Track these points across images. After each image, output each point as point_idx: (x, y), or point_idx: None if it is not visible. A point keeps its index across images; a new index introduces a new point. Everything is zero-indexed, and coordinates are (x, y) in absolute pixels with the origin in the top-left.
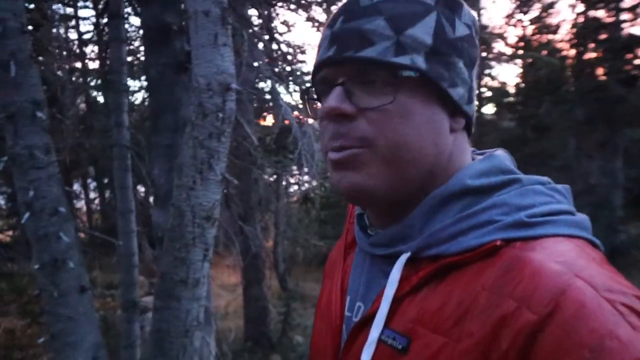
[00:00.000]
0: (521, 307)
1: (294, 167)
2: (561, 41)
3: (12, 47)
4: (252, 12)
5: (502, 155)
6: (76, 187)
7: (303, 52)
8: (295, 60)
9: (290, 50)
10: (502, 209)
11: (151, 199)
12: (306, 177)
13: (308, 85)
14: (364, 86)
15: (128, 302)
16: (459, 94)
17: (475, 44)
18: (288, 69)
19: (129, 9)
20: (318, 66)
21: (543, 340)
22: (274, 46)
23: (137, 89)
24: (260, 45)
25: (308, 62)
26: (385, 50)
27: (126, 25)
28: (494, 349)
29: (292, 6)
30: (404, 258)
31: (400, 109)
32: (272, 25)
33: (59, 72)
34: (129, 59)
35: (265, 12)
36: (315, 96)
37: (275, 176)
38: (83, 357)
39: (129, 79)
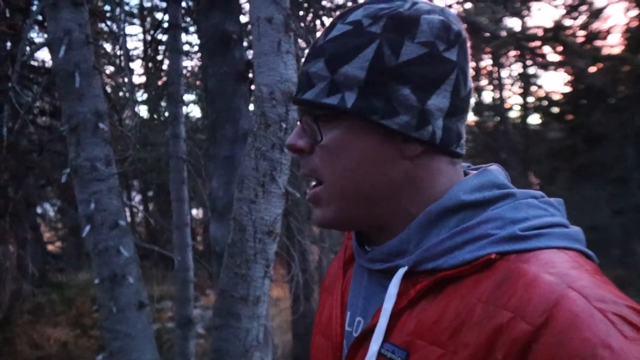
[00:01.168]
0: (516, 317)
1: None
2: (612, 46)
3: (77, 58)
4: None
5: (496, 170)
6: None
7: None
8: None
9: None
10: (496, 222)
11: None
12: None
13: None
14: (313, 124)
15: (183, 318)
16: (399, 122)
17: (438, 59)
18: None
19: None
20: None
21: (537, 350)
22: None
23: (191, 101)
24: None
25: None
26: (321, 91)
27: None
28: (490, 359)
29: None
30: (401, 272)
31: (338, 145)
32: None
33: (111, 86)
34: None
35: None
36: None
37: None
38: None
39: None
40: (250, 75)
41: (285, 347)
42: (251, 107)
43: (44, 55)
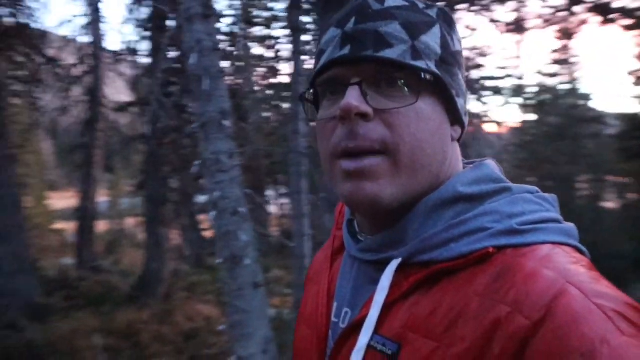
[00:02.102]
0: (514, 312)
1: None
2: None
3: (205, 63)
4: None
5: (492, 165)
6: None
7: (483, 55)
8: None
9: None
10: (493, 216)
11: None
12: None
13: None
14: (379, 88)
15: (298, 302)
16: (460, 103)
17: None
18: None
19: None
20: (326, 65)
21: (535, 345)
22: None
23: None
24: None
25: (487, 66)
26: (403, 53)
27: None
28: (487, 353)
29: (474, 8)
30: (395, 264)
31: (418, 114)
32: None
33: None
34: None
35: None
36: (312, 98)
37: None
38: (255, 348)
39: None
40: None
41: None
42: None
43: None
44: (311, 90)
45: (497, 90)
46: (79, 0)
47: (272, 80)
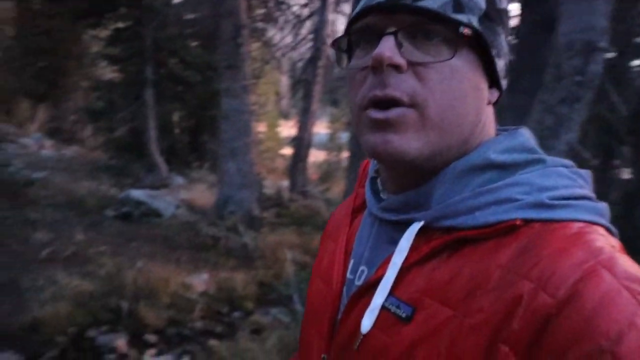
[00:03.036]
0: (537, 289)
1: None
2: None
3: None
4: None
5: (526, 134)
6: None
7: None
8: None
9: None
10: (524, 187)
11: None
12: None
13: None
14: (415, 40)
15: None
16: (500, 65)
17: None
18: None
19: None
20: (362, 13)
21: (558, 324)
22: None
23: None
24: None
25: None
26: (444, 4)
27: None
28: (504, 327)
29: None
30: (416, 226)
31: (453, 71)
32: None
33: None
34: None
35: None
36: (346, 46)
37: None
38: None
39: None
40: None
41: None
42: None
43: None
44: (345, 38)
45: None
46: None
47: None
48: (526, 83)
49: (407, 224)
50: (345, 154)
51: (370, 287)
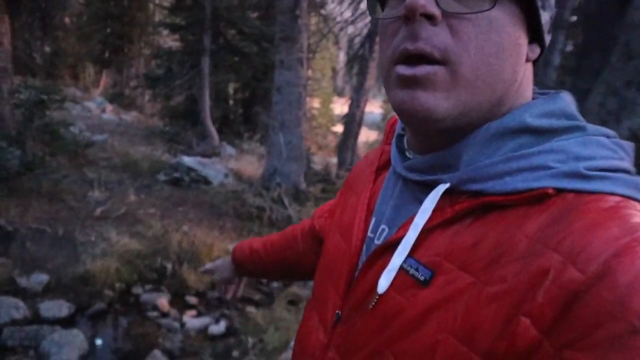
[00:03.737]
0: (566, 262)
1: None
2: None
3: None
4: None
5: (567, 98)
6: None
7: None
8: None
9: None
10: (559, 155)
11: None
12: None
13: None
14: None
15: None
16: (545, 18)
17: None
18: None
19: None
20: None
21: (587, 300)
22: None
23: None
24: None
25: None
26: None
27: None
28: (527, 300)
29: None
30: (442, 188)
31: (491, 23)
32: None
33: None
34: None
35: None
36: None
37: None
38: None
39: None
40: None
41: None
42: None
43: None
44: None
45: None
46: None
47: None
48: (594, 64)
49: (433, 185)
50: None
51: (390, 247)
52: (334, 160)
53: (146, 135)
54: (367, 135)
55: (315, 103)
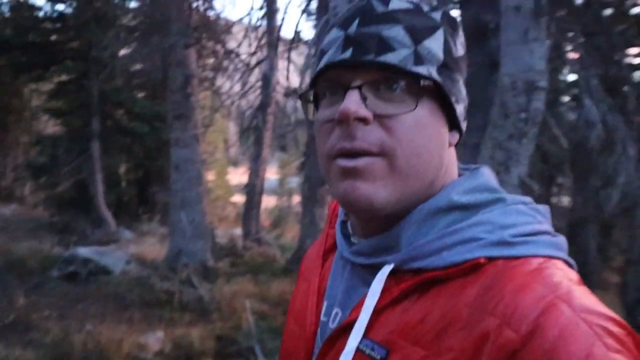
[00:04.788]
0: (502, 325)
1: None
2: None
3: None
4: None
5: (487, 173)
6: None
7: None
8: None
9: None
10: (486, 226)
11: None
12: None
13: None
14: (379, 92)
15: None
16: (459, 110)
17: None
18: None
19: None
20: (327, 67)
21: (522, 357)
22: None
23: None
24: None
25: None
26: (405, 58)
27: None
28: None
29: None
30: (387, 269)
31: (417, 120)
32: None
33: None
34: None
35: None
36: (312, 97)
37: None
38: None
39: None
40: None
41: None
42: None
43: None
44: (311, 90)
45: None
46: None
47: None
48: (478, 121)
49: (379, 266)
50: (296, 199)
51: (344, 330)
52: (237, 231)
53: (31, 228)
54: (266, 202)
55: (211, 175)
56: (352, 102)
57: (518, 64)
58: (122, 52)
